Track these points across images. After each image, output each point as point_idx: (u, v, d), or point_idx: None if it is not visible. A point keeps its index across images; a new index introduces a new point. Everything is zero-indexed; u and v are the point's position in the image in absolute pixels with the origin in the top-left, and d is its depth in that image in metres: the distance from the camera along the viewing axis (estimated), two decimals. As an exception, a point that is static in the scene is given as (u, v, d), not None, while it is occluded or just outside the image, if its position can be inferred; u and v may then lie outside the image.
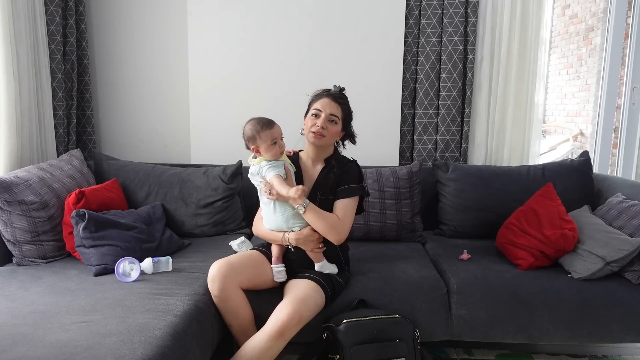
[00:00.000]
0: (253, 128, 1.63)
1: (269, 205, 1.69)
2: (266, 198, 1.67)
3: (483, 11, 2.54)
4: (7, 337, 1.24)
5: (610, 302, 1.71)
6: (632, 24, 2.76)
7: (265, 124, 1.63)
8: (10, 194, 1.79)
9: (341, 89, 1.77)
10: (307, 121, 1.73)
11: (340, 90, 1.77)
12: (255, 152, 1.67)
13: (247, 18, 2.60)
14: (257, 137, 1.62)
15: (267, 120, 1.65)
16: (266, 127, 1.62)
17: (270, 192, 1.63)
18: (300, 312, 1.49)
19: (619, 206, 2.00)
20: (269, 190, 1.63)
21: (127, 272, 1.69)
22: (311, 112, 1.71)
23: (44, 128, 2.34)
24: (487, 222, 2.25)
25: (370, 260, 1.99)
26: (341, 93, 1.77)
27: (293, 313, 1.47)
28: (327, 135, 1.69)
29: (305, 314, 1.51)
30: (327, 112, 1.68)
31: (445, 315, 1.73)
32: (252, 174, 1.70)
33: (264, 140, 1.62)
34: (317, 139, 1.69)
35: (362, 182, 1.75)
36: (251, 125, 1.64)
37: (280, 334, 1.46)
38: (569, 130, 5.69)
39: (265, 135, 1.61)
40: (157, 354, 1.19)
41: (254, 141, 1.64)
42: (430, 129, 2.66)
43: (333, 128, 1.70)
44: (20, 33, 2.13)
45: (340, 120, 1.72)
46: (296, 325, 1.48)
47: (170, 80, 2.69)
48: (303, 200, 1.60)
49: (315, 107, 1.70)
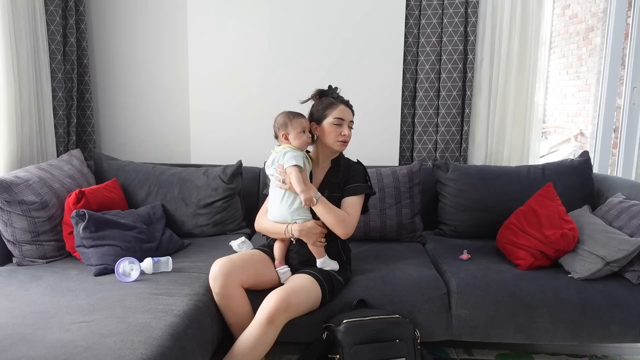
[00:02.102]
0: (286, 116, 1.76)
1: (278, 195, 1.74)
2: (278, 187, 1.72)
3: (483, 11, 2.54)
4: (7, 337, 1.24)
5: (610, 302, 1.71)
6: (632, 24, 2.76)
7: (298, 114, 1.77)
8: (10, 194, 1.79)
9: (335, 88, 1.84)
10: (327, 128, 1.76)
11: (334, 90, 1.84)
12: (284, 138, 1.75)
13: (247, 18, 2.60)
14: (288, 124, 1.74)
15: (299, 112, 1.78)
16: (298, 116, 1.76)
17: (283, 180, 1.69)
18: (288, 299, 1.51)
19: (619, 206, 2.00)
20: (282, 179, 1.69)
21: (127, 272, 1.69)
22: (332, 120, 1.75)
23: (44, 128, 2.34)
24: (487, 222, 2.25)
25: (370, 260, 1.99)
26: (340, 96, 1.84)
27: (281, 300, 1.49)
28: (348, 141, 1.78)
29: (293, 301, 1.52)
30: (348, 120, 1.78)
31: (445, 315, 1.73)
32: (268, 165, 1.77)
33: (294, 127, 1.73)
34: (343, 146, 1.78)
35: (368, 181, 1.80)
36: (284, 114, 1.77)
37: (269, 321, 1.47)
38: (569, 131, 5.69)
39: (297, 122, 1.74)
40: (157, 354, 1.19)
41: (285, 128, 1.74)
42: (430, 129, 2.66)
43: (350, 133, 1.80)
44: (20, 33, 2.13)
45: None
46: (284, 312, 1.50)
47: (170, 81, 2.69)
48: (316, 193, 1.68)
49: (335, 115, 1.76)
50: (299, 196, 1.68)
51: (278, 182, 1.72)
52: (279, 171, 1.71)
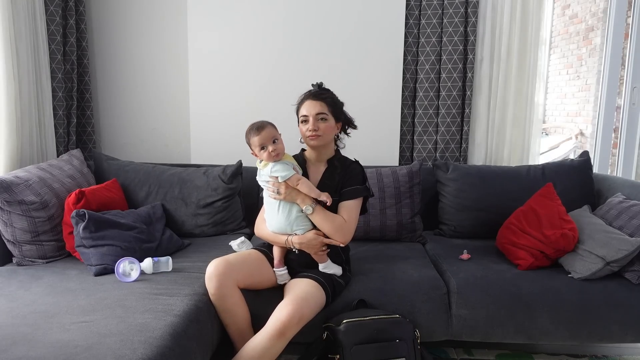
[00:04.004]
0: (246, 135, 1.68)
1: (273, 206, 1.70)
2: (272, 198, 1.68)
3: (483, 11, 2.54)
4: (7, 337, 1.24)
5: (610, 302, 1.71)
6: (632, 24, 2.76)
7: (255, 129, 1.65)
8: (10, 194, 1.79)
9: (319, 84, 1.79)
10: (300, 129, 1.75)
11: (319, 85, 1.78)
12: (257, 157, 1.70)
13: (247, 18, 2.60)
14: (250, 143, 1.67)
15: (258, 125, 1.66)
16: (254, 133, 1.64)
17: (278, 191, 1.64)
18: (300, 311, 1.49)
19: (619, 206, 2.00)
20: (276, 190, 1.64)
21: (127, 272, 1.69)
22: (300, 119, 1.74)
23: (44, 128, 2.34)
24: (487, 222, 2.25)
25: (370, 260, 1.99)
26: (320, 88, 1.78)
27: (294, 312, 1.47)
28: (322, 134, 1.70)
29: (306, 312, 1.51)
30: (313, 114, 1.69)
31: (445, 315, 1.73)
32: (260, 175, 1.72)
33: (254, 146, 1.66)
34: (314, 140, 1.71)
35: (365, 182, 1.76)
36: (246, 131, 1.68)
37: (281, 333, 1.46)
38: (569, 130, 5.70)
39: (253, 141, 1.65)
40: (157, 354, 1.19)
41: (251, 146, 1.68)
42: (430, 129, 2.66)
43: (325, 124, 1.70)
44: (20, 33, 2.13)
45: (330, 114, 1.72)
46: (297, 325, 1.48)
47: (170, 80, 2.69)
48: (311, 201, 1.64)
49: (301, 113, 1.73)
50: (295, 206, 1.66)
51: (272, 193, 1.67)
52: (273, 182, 1.66)
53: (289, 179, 1.63)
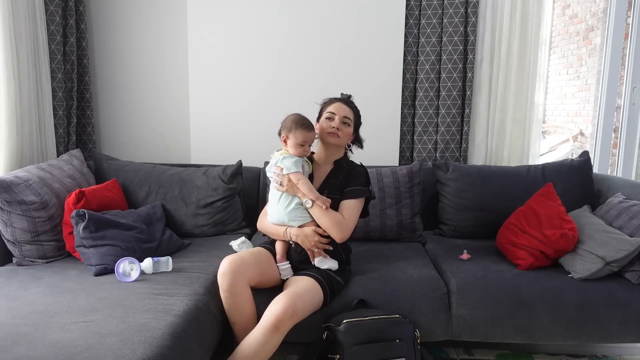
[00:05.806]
0: (294, 122, 1.73)
1: (275, 197, 1.76)
2: (275, 189, 1.74)
3: (483, 11, 2.54)
4: (7, 337, 1.24)
5: (610, 302, 1.71)
6: (632, 24, 2.76)
7: (305, 125, 1.73)
8: (10, 194, 1.79)
9: (349, 95, 1.87)
10: (321, 124, 1.80)
11: (348, 97, 1.87)
12: (283, 141, 1.76)
13: (248, 18, 2.60)
14: (292, 130, 1.72)
15: (309, 123, 1.75)
16: (304, 128, 1.72)
17: (281, 183, 1.70)
18: (294, 305, 1.50)
19: (619, 206, 2.00)
20: (279, 181, 1.71)
21: (127, 272, 1.69)
22: (325, 115, 1.79)
23: (44, 128, 2.34)
24: (487, 222, 2.25)
25: (370, 260, 1.99)
26: (350, 99, 1.86)
27: (287, 306, 1.49)
28: (341, 136, 1.77)
29: (299, 307, 1.52)
30: (341, 115, 1.77)
31: (445, 315, 1.73)
32: (268, 169, 1.79)
33: (296, 137, 1.71)
34: (332, 138, 1.76)
35: (369, 185, 1.80)
36: (294, 118, 1.74)
37: (275, 327, 1.47)
38: (569, 130, 5.70)
39: (300, 133, 1.71)
40: (157, 354, 1.19)
41: (288, 131, 1.73)
42: (430, 129, 2.66)
43: (346, 129, 1.79)
44: (20, 33, 2.13)
45: (352, 123, 1.81)
46: (290, 319, 1.49)
47: (170, 80, 2.69)
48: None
49: (329, 110, 1.79)
50: (295, 198, 1.72)
51: (276, 184, 1.74)
52: (277, 173, 1.73)
53: (292, 174, 1.69)
